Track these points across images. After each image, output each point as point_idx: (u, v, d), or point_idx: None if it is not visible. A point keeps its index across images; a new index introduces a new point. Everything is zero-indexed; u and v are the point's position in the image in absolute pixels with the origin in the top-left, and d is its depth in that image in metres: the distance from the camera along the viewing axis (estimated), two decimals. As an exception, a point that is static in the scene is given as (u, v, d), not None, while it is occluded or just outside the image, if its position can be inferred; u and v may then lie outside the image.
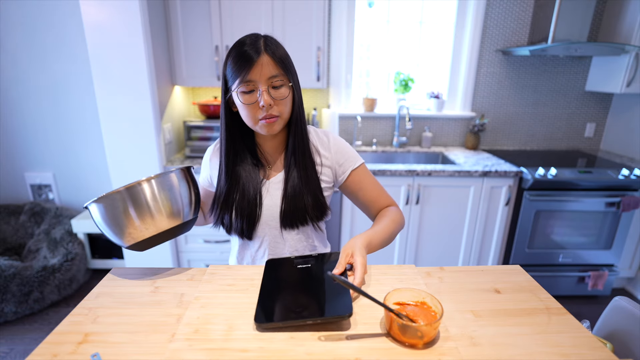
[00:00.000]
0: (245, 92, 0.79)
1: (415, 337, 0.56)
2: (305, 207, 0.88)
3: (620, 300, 0.80)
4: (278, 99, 0.80)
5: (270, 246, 0.93)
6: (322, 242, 1.01)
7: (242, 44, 0.79)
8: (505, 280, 0.77)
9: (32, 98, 2.39)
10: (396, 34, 2.44)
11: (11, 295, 1.96)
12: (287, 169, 0.89)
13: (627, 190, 2.04)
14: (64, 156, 2.51)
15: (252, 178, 0.90)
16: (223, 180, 0.90)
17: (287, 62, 0.82)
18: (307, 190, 0.88)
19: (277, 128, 0.84)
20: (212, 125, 2.13)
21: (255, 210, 0.89)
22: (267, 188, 0.91)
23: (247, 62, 0.77)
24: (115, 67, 1.77)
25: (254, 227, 0.91)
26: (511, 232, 2.14)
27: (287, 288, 0.71)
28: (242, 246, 0.97)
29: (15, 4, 2.22)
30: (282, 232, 0.91)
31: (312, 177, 0.89)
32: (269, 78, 0.78)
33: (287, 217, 0.89)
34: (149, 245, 0.75)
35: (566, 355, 0.56)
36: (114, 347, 0.57)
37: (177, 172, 0.77)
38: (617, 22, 2.19)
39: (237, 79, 0.79)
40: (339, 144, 0.94)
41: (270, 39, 0.81)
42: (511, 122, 2.54)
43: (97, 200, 0.69)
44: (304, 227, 0.92)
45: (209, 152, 0.99)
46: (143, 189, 0.71)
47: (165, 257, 2.10)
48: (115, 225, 0.71)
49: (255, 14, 1.99)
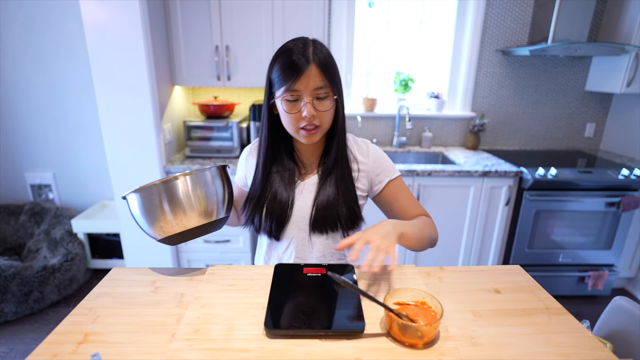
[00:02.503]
0: (290, 101, 0.80)
1: (415, 337, 0.56)
2: (338, 215, 0.88)
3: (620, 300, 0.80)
4: (321, 111, 0.81)
5: (298, 248, 0.92)
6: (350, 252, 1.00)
7: (290, 51, 0.78)
8: (505, 280, 0.77)
9: (32, 98, 2.39)
10: (396, 34, 2.44)
11: (11, 295, 1.96)
12: (323, 175, 0.90)
13: (627, 190, 2.04)
14: (64, 156, 2.51)
15: (286, 179, 0.90)
16: (258, 180, 0.90)
17: (333, 73, 0.81)
18: (342, 198, 0.88)
19: (317, 138, 0.84)
20: (212, 125, 2.13)
21: (285, 210, 0.89)
22: (300, 190, 0.91)
23: (295, 71, 0.77)
24: (115, 67, 1.77)
25: (283, 227, 0.90)
26: (511, 232, 2.14)
27: (299, 296, 0.70)
28: (270, 246, 0.96)
29: (15, 4, 2.22)
30: (310, 235, 0.91)
31: (348, 186, 0.89)
32: (314, 89, 0.78)
33: (317, 221, 0.88)
34: (180, 240, 0.76)
35: (566, 355, 0.56)
36: (114, 347, 0.57)
37: (212, 170, 0.77)
38: (617, 22, 2.19)
39: (282, 87, 0.79)
40: (377, 154, 0.94)
41: (320, 46, 0.81)
42: (511, 122, 2.54)
43: (136, 191, 0.70)
44: (334, 233, 0.91)
45: (246, 151, 1.00)
46: (178, 183, 0.71)
47: (165, 257, 2.10)
48: (150, 218, 0.72)
49: (255, 13, 1.99)
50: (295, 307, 0.66)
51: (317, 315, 0.63)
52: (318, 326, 0.60)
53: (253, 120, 2.14)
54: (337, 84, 0.83)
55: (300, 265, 0.79)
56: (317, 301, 0.68)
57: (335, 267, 0.79)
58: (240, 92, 2.44)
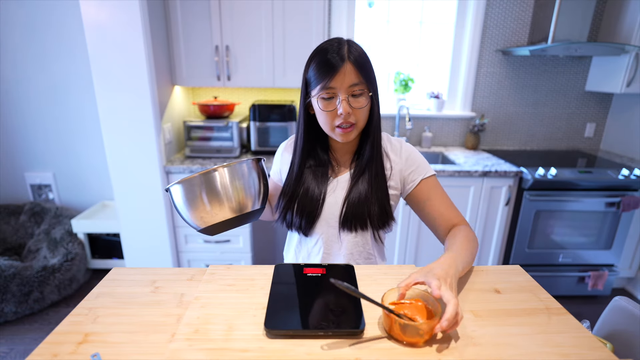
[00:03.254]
0: (325, 99, 0.81)
1: (416, 336, 0.56)
2: (369, 213, 0.88)
3: (620, 300, 0.80)
4: (356, 108, 0.81)
5: (326, 244, 0.92)
6: (380, 253, 0.99)
7: (325, 50, 0.80)
8: (505, 280, 0.77)
9: (32, 98, 2.39)
10: (396, 34, 2.44)
11: (11, 295, 1.96)
12: (356, 172, 0.90)
13: (627, 190, 2.04)
14: (64, 156, 2.51)
15: (320, 176, 0.91)
16: (293, 176, 0.92)
17: (368, 71, 0.82)
18: (374, 197, 0.88)
19: (352, 136, 0.85)
20: (212, 125, 2.13)
21: (316, 206, 0.90)
22: (333, 187, 0.91)
23: (330, 70, 0.78)
24: (115, 67, 1.77)
25: (312, 223, 0.91)
26: (511, 232, 2.14)
27: (300, 296, 0.70)
28: (301, 240, 0.97)
29: (15, 4, 2.22)
30: (340, 232, 0.91)
31: (381, 184, 0.89)
32: (349, 86, 0.79)
33: (347, 219, 0.89)
34: (218, 231, 0.78)
35: (566, 355, 0.56)
36: (114, 347, 0.57)
37: (249, 162, 0.79)
38: (617, 22, 2.19)
39: (318, 85, 0.80)
40: (411, 152, 0.93)
41: (354, 45, 0.82)
42: (511, 122, 2.54)
43: (178, 183, 0.73)
44: (363, 231, 0.91)
45: (282, 147, 1.01)
46: (217, 175, 0.74)
47: (165, 257, 2.10)
48: (191, 208, 0.74)
49: (255, 13, 1.99)
50: (296, 307, 0.66)
51: (317, 315, 0.63)
52: (318, 326, 0.60)
53: (253, 120, 2.14)
54: (372, 81, 0.83)
55: (300, 265, 0.79)
56: (317, 301, 0.68)
57: (336, 267, 0.79)
58: (240, 92, 2.44)
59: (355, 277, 0.75)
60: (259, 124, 2.14)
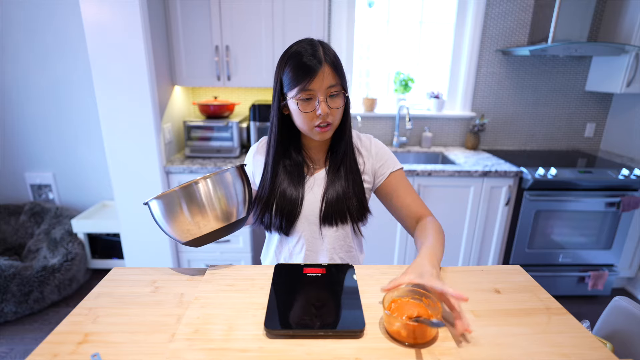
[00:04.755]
0: (304, 100, 0.82)
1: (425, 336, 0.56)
2: (348, 207, 0.90)
3: (620, 300, 0.80)
4: (334, 108, 0.83)
5: (308, 242, 0.94)
6: (359, 246, 1.02)
7: (300, 53, 0.80)
8: (505, 280, 0.77)
9: (32, 98, 2.39)
10: (396, 34, 2.44)
11: (11, 295, 1.96)
12: (331, 169, 0.92)
13: (627, 190, 2.04)
14: (64, 156, 2.51)
15: (296, 176, 0.92)
16: (268, 178, 0.92)
17: (342, 71, 0.85)
18: (352, 191, 0.91)
19: (329, 135, 0.88)
20: (212, 125, 2.13)
21: (296, 206, 0.91)
22: (310, 185, 0.93)
23: (308, 73, 0.79)
24: (115, 67, 1.77)
25: (293, 223, 0.92)
26: (511, 232, 2.14)
27: (300, 296, 0.70)
28: (280, 241, 0.98)
29: (16, 4, 2.22)
30: (321, 228, 0.92)
31: (356, 179, 0.92)
32: (327, 88, 0.81)
33: (327, 215, 0.90)
34: (203, 242, 0.77)
35: (566, 355, 0.56)
36: (114, 347, 0.57)
37: (232, 170, 0.78)
38: (617, 22, 2.19)
39: (296, 88, 0.81)
40: (380, 147, 0.98)
41: (327, 46, 0.84)
42: (511, 122, 2.54)
43: (157, 198, 0.72)
44: (344, 225, 0.93)
45: (253, 149, 1.01)
46: (199, 187, 0.72)
47: (165, 257, 2.10)
48: (172, 223, 0.73)
49: (255, 14, 1.99)
50: (295, 307, 0.66)
51: (317, 315, 0.63)
52: (318, 326, 0.60)
53: (253, 120, 2.14)
54: (345, 81, 0.86)
55: (300, 265, 0.79)
56: (317, 301, 0.68)
57: (335, 267, 0.79)
58: (240, 92, 2.44)
59: (355, 278, 0.75)
60: (259, 124, 2.14)
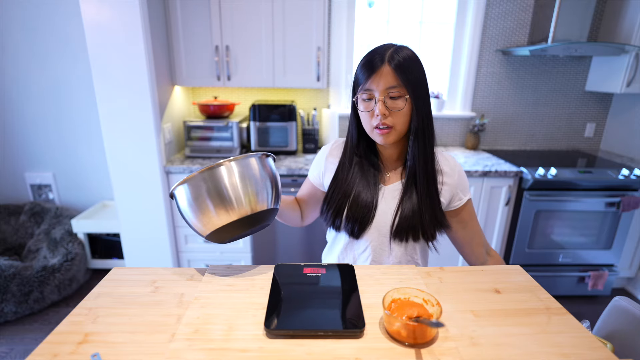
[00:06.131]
0: (365, 100, 0.82)
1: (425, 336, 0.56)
2: (422, 224, 0.88)
3: (620, 300, 0.80)
4: (393, 110, 0.81)
5: (375, 252, 0.92)
6: (423, 260, 0.99)
7: (373, 51, 0.82)
8: (505, 280, 0.77)
9: (32, 98, 2.39)
10: (396, 34, 2.44)
11: (11, 295, 1.96)
12: (408, 181, 0.89)
13: (627, 190, 2.04)
14: (64, 156, 2.51)
15: (370, 181, 0.90)
16: (342, 179, 0.91)
17: (409, 74, 0.81)
18: (425, 208, 0.87)
19: (391, 139, 0.84)
20: (212, 125, 2.13)
21: (369, 213, 0.89)
22: (382, 194, 0.91)
23: (368, 70, 0.80)
24: (115, 67, 1.77)
25: (365, 228, 0.90)
26: (511, 232, 2.14)
27: (300, 296, 0.69)
28: (347, 246, 0.96)
29: (16, 4, 2.22)
30: (390, 241, 0.91)
31: (432, 196, 0.88)
32: (386, 88, 0.80)
33: (399, 229, 0.88)
34: (227, 236, 0.71)
35: (566, 355, 0.56)
36: (114, 347, 0.57)
37: (258, 157, 0.73)
38: (617, 22, 2.19)
39: (360, 85, 0.82)
40: (461, 170, 0.95)
41: (402, 50, 0.82)
42: (511, 122, 2.54)
43: (182, 183, 0.67)
44: (414, 242, 0.91)
45: (326, 150, 0.99)
46: (223, 170, 0.67)
47: (165, 257, 2.10)
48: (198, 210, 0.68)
49: (255, 13, 1.99)
50: (296, 307, 0.66)
51: (317, 315, 0.63)
52: (318, 326, 0.60)
53: (253, 120, 2.14)
54: (414, 85, 0.81)
55: (300, 265, 0.79)
56: (317, 301, 0.68)
57: (336, 267, 0.79)
58: (240, 92, 2.44)
59: (355, 277, 0.75)
60: (259, 124, 2.14)
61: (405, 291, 0.64)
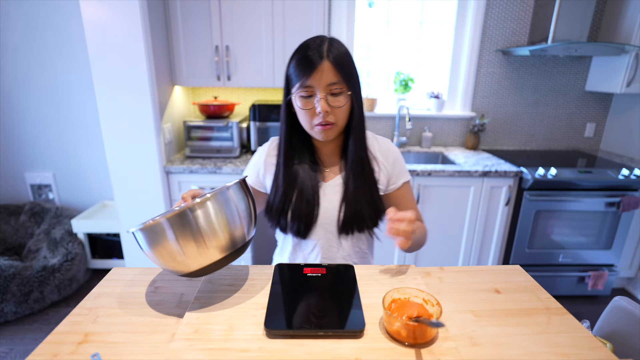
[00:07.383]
0: (304, 97, 0.80)
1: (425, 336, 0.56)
2: (366, 216, 0.88)
3: (620, 300, 0.80)
4: (335, 107, 0.80)
5: (324, 249, 0.92)
6: (370, 249, 1.01)
7: (306, 47, 0.79)
8: (505, 280, 0.77)
9: (32, 98, 2.39)
10: (396, 34, 2.44)
11: (11, 295, 1.96)
12: (346, 175, 0.89)
13: (627, 190, 2.04)
14: (64, 156, 2.51)
15: (310, 178, 0.89)
16: (281, 179, 0.89)
17: (348, 70, 0.81)
18: (366, 198, 0.88)
19: (331, 135, 0.84)
20: (212, 125, 2.13)
21: (313, 210, 0.89)
22: (323, 190, 0.90)
23: (307, 67, 0.77)
24: (115, 67, 1.77)
25: (310, 227, 0.90)
26: (511, 232, 2.14)
27: (300, 296, 0.70)
28: (295, 247, 0.96)
29: (16, 4, 2.22)
30: (338, 236, 0.91)
31: (371, 186, 0.90)
32: (327, 85, 0.79)
33: (346, 223, 0.88)
34: (207, 272, 0.66)
35: (566, 355, 0.56)
36: (114, 347, 0.57)
37: (235, 187, 0.66)
38: (617, 22, 2.19)
39: (297, 83, 0.79)
40: (397, 154, 0.95)
41: (336, 43, 0.81)
42: (511, 122, 2.54)
43: (142, 230, 0.60)
44: (360, 233, 0.92)
45: (264, 151, 0.97)
46: (196, 215, 0.60)
47: (165, 257, 2.10)
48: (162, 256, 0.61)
49: (255, 13, 1.99)
50: (296, 307, 0.66)
51: (317, 315, 0.63)
52: (318, 326, 0.60)
53: (253, 120, 2.14)
54: (353, 80, 0.82)
55: (300, 265, 0.79)
56: (317, 301, 0.68)
57: (336, 267, 0.79)
58: (240, 92, 2.44)
59: (355, 277, 0.75)
60: (259, 124, 2.14)
61: (405, 291, 0.64)
